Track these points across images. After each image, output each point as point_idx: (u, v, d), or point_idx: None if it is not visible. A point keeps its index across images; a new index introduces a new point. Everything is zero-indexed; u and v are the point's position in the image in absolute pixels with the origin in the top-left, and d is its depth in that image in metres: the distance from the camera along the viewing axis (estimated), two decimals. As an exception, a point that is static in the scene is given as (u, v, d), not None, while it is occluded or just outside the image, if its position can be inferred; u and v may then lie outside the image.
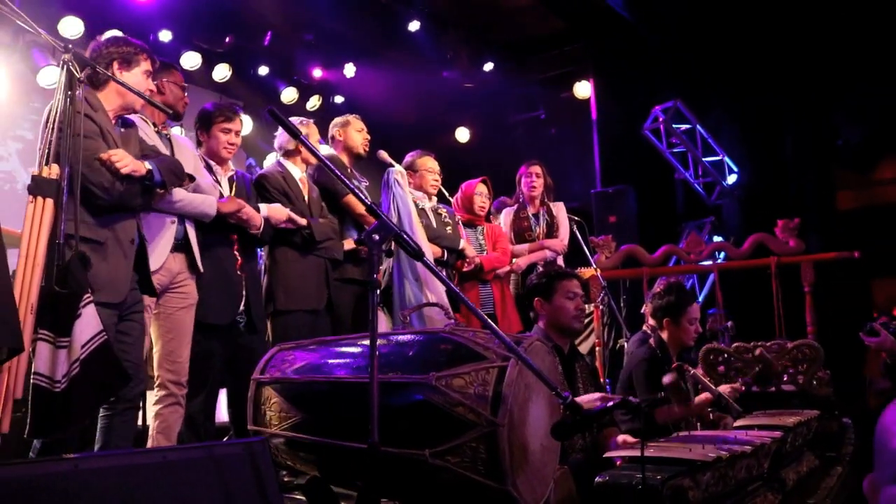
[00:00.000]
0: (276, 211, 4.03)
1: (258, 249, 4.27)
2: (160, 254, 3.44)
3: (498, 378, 2.30)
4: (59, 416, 2.63)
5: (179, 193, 3.47)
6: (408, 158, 4.92)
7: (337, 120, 4.73)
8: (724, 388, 3.94)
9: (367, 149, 4.65)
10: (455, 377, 2.32)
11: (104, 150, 2.99)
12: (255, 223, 3.85)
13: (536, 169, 5.68)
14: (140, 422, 3.59)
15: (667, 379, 3.02)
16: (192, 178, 3.50)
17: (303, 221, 4.13)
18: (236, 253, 3.91)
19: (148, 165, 3.10)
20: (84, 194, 2.90)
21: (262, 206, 3.99)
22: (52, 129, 2.83)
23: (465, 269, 4.85)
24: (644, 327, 4.50)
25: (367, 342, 2.69)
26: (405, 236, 1.95)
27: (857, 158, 8.60)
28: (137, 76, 3.25)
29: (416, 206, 4.60)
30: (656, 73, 8.82)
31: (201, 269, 3.62)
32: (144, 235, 3.28)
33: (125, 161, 2.99)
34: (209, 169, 3.91)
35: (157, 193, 3.26)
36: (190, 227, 3.59)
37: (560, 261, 5.50)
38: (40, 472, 1.86)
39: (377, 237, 1.87)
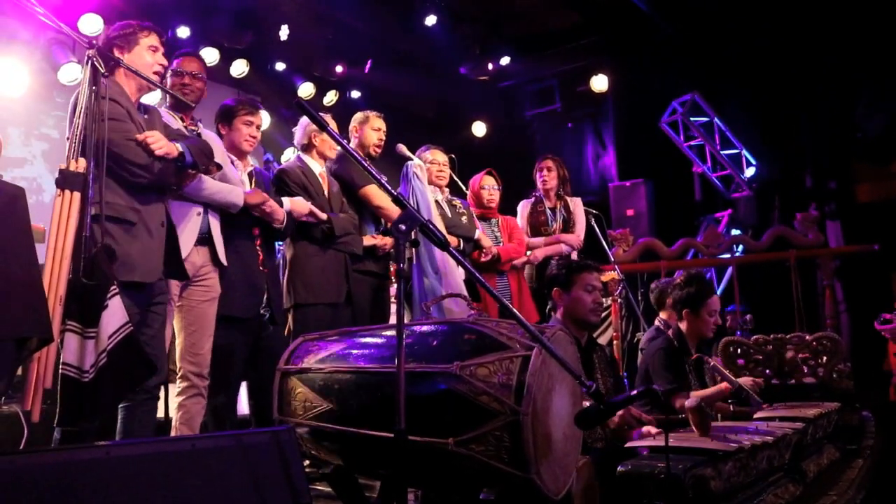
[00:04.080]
0: (299, 205, 4.06)
1: (277, 244, 4.30)
2: (185, 245, 3.46)
3: (522, 367, 2.32)
4: (87, 405, 2.67)
5: (208, 181, 3.51)
6: (417, 153, 4.94)
7: (357, 115, 4.73)
8: (744, 381, 3.94)
9: (378, 151, 4.64)
10: (479, 366, 2.34)
11: (135, 131, 3.03)
12: (279, 217, 3.88)
13: (548, 163, 5.71)
14: (162, 413, 3.63)
15: (689, 403, 3.02)
16: (219, 167, 3.52)
17: (323, 216, 4.16)
18: (258, 249, 3.95)
19: (180, 147, 3.13)
20: (123, 174, 2.96)
21: (285, 199, 4.02)
22: (79, 123, 2.87)
23: (482, 260, 4.85)
24: (656, 322, 4.49)
25: (390, 333, 2.72)
26: (431, 226, 1.97)
27: (876, 151, 8.52)
28: (140, 55, 3.23)
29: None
30: (674, 67, 8.78)
31: (224, 263, 3.65)
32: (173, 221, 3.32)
33: (160, 143, 3.03)
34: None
35: (189, 174, 3.28)
36: (214, 221, 3.62)
37: (574, 256, 5.51)
38: (72, 458, 1.90)
39: (404, 227, 1.89)
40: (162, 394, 3.63)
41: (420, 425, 2.23)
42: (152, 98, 4.51)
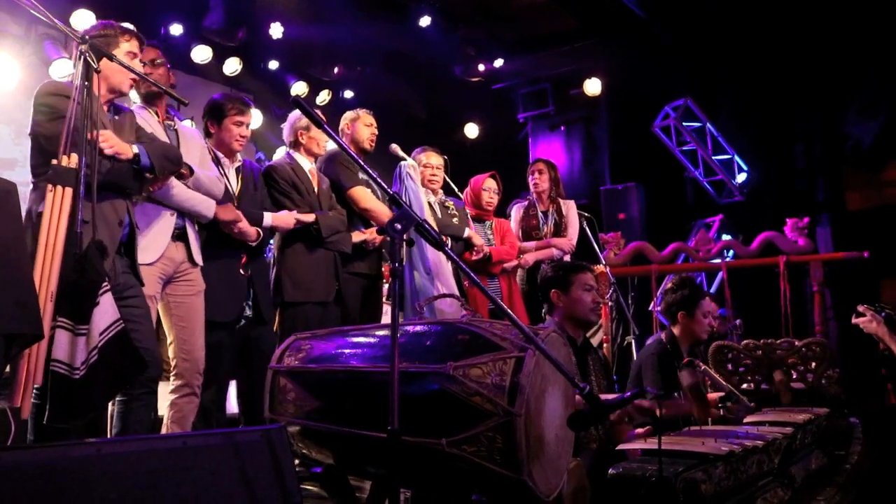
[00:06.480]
0: (282, 220, 4.03)
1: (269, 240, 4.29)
2: (158, 243, 3.43)
3: (515, 368, 2.31)
4: (77, 402, 2.65)
5: (178, 188, 3.45)
6: (411, 155, 4.93)
7: (347, 113, 4.73)
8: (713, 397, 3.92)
9: (373, 144, 4.65)
10: (472, 367, 2.33)
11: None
12: (250, 238, 3.84)
13: (539, 166, 5.73)
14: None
15: (686, 381, 3.03)
16: (191, 171, 3.44)
17: (310, 218, 4.12)
18: (240, 251, 3.92)
19: (135, 149, 3.08)
20: None
21: (267, 215, 3.99)
22: (71, 119, 2.83)
23: (473, 258, 4.85)
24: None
25: (382, 332, 2.71)
26: (427, 225, 1.97)
27: (868, 158, 8.56)
28: (120, 58, 3.12)
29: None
30: (667, 71, 8.80)
31: (199, 262, 3.60)
32: (137, 224, 3.26)
33: (110, 142, 2.97)
34: (216, 161, 3.90)
35: (154, 179, 3.23)
36: (188, 220, 3.58)
37: (567, 259, 5.51)
38: (63, 455, 1.88)
39: (399, 226, 1.89)
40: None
41: (412, 425, 2.22)
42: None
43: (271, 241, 4.33)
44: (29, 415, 2.71)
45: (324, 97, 8.67)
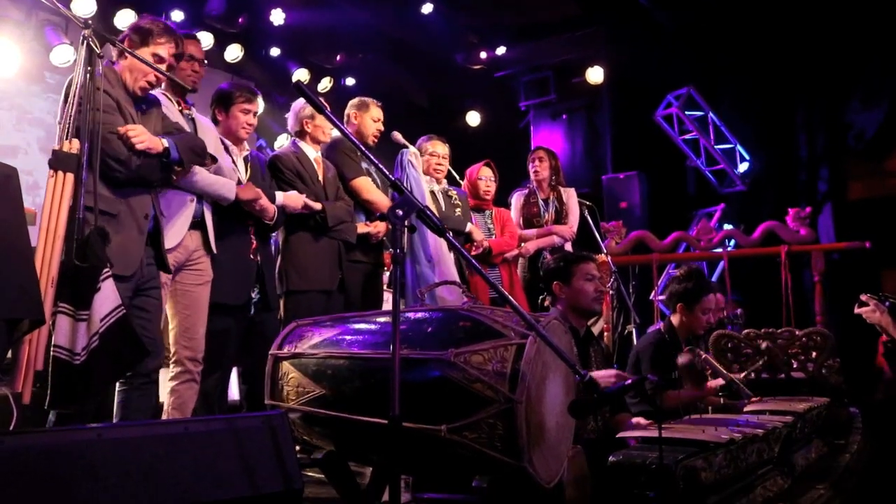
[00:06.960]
0: (293, 199, 4.04)
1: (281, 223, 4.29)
2: (178, 231, 3.45)
3: (516, 355, 2.31)
4: (78, 387, 2.66)
5: (201, 173, 3.48)
6: (417, 143, 4.92)
7: (355, 100, 4.68)
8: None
9: (376, 140, 4.63)
10: (473, 354, 2.33)
11: (121, 123, 3.00)
12: (269, 214, 3.86)
13: (539, 153, 5.72)
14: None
15: (681, 360, 3.02)
16: (214, 160, 3.50)
17: (318, 206, 4.13)
18: (252, 237, 3.93)
19: (165, 143, 3.10)
20: (102, 167, 2.90)
21: (279, 194, 4.00)
22: (72, 104, 2.83)
23: (473, 252, 4.85)
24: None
25: (383, 319, 2.71)
26: (428, 212, 1.96)
27: (870, 148, 8.54)
28: (144, 56, 3.15)
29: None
30: (669, 60, 8.77)
31: (214, 250, 3.63)
32: (162, 212, 3.29)
33: (142, 137, 3.00)
34: (225, 149, 3.91)
35: (176, 170, 3.26)
36: (206, 208, 3.60)
37: (568, 247, 5.50)
38: (64, 440, 1.89)
39: (401, 212, 1.88)
40: (154, 377, 3.63)
41: (413, 412, 2.22)
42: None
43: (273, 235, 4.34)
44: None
45: (325, 84, 8.63)
